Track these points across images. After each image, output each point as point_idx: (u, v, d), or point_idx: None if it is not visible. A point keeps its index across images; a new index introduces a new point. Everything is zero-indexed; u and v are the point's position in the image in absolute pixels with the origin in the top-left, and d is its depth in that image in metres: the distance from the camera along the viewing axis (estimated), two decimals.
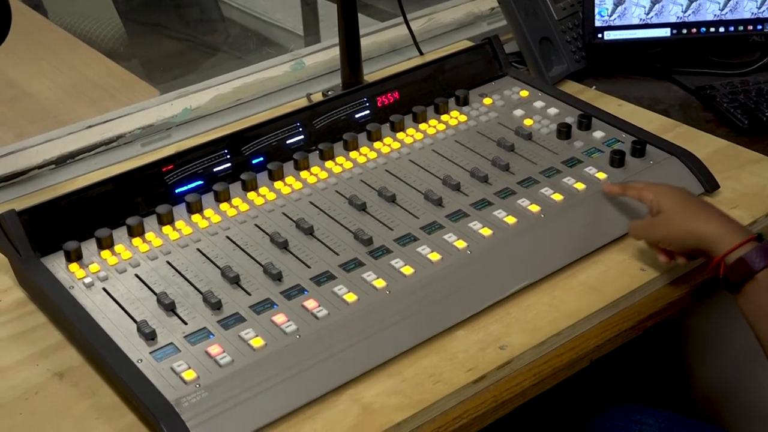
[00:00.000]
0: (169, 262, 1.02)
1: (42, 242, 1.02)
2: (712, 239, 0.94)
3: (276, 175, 1.14)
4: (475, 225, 1.06)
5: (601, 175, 1.14)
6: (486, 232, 1.05)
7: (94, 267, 1.00)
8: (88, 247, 1.03)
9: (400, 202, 1.10)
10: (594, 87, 1.42)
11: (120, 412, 0.88)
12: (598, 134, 1.22)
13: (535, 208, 1.09)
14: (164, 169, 1.09)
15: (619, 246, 1.07)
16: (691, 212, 0.98)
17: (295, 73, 1.45)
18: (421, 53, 1.52)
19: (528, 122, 1.26)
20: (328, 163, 1.17)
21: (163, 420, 0.82)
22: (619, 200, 1.11)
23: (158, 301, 0.96)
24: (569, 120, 1.25)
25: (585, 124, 1.23)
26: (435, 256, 1.01)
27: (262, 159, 1.15)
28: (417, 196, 1.11)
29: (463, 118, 1.27)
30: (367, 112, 1.24)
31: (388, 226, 1.07)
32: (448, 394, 0.89)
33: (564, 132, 1.22)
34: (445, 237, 1.04)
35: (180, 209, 1.09)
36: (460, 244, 1.03)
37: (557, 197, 1.11)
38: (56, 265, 1.01)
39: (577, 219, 1.09)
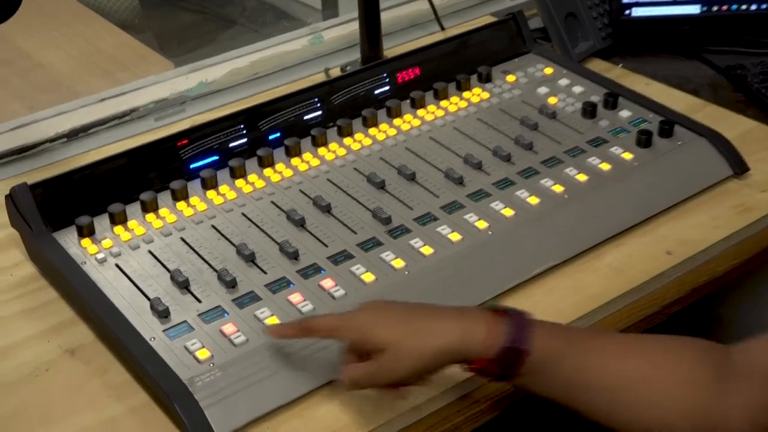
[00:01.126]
0: (183, 239, 1.00)
1: (54, 217, 1.00)
2: (461, 345, 0.78)
3: (293, 152, 1.11)
4: (497, 205, 1.03)
5: (628, 155, 1.12)
6: (508, 212, 1.03)
7: (106, 242, 0.99)
8: (101, 223, 1.01)
9: (419, 180, 1.08)
10: (621, 65, 1.39)
11: (132, 390, 0.87)
12: (625, 113, 1.19)
13: (558, 188, 1.06)
14: (179, 144, 1.07)
15: (645, 229, 1.05)
16: (417, 330, 0.79)
17: (313, 48, 1.43)
18: (443, 28, 1.49)
19: (552, 100, 1.23)
20: (347, 140, 1.15)
21: (176, 399, 0.81)
22: (647, 180, 1.08)
23: (172, 278, 0.94)
24: (595, 99, 1.22)
25: (611, 102, 1.20)
26: (455, 237, 0.99)
27: (278, 135, 1.13)
28: (437, 174, 1.09)
29: (485, 95, 1.24)
30: (387, 88, 1.21)
31: (407, 204, 1.04)
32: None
33: (589, 111, 1.19)
34: (466, 217, 1.02)
35: (194, 185, 1.07)
36: (482, 224, 1.01)
37: (582, 177, 1.08)
38: (68, 240, 0.99)
39: (601, 200, 1.06)
